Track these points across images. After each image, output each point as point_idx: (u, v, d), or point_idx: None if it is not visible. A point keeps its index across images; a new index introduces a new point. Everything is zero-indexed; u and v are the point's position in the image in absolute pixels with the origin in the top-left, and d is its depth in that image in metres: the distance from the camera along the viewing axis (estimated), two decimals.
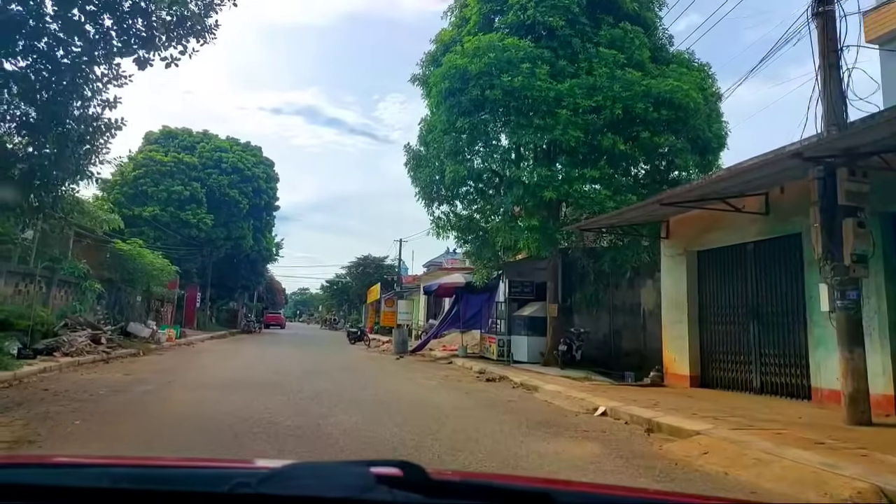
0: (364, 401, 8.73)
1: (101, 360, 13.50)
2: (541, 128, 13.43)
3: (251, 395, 8.87)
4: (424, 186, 16.54)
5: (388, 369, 14.69)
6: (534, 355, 15.66)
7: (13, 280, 13.09)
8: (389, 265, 50.23)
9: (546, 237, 13.77)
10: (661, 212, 11.14)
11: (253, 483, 1.06)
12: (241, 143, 37.35)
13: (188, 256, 31.67)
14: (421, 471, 1.09)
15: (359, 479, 1.04)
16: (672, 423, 7.04)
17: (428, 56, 17.16)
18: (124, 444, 5.51)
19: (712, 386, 10.68)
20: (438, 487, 1.11)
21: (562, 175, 13.42)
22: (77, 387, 9.23)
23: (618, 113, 13.24)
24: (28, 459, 2.88)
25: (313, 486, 1.05)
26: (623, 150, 13.26)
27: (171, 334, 21.41)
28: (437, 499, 1.08)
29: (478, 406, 8.75)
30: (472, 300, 19.03)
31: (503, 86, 13.67)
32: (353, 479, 1.06)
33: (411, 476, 1.07)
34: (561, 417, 8.06)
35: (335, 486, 1.04)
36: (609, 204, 12.71)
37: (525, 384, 11.47)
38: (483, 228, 17.09)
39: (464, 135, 14.59)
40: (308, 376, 11.89)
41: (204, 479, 1.24)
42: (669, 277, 11.84)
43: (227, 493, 1.06)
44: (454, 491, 1.16)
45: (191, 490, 1.13)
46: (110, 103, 9.42)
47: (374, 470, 1.07)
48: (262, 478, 1.11)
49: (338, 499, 1.02)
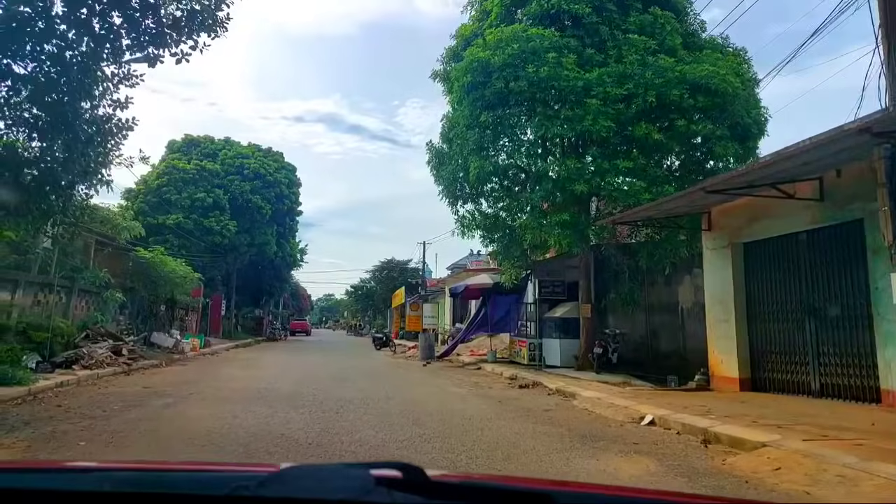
0: (391, 412, 8.16)
1: (122, 373, 13.16)
2: (569, 119, 12.78)
3: (272, 408, 8.36)
4: (448, 184, 15.98)
5: (414, 377, 14.11)
6: (567, 359, 14.96)
7: (31, 290, 12.80)
8: (413, 268, 49.77)
9: (578, 233, 13.09)
10: (704, 201, 10.41)
11: (252, 486, 1.06)
12: (262, 148, 37.18)
13: (212, 264, 31.52)
14: (420, 472, 1.08)
15: (358, 482, 1.03)
16: (732, 434, 6.34)
17: (448, 51, 16.62)
18: None
19: (765, 389, 9.90)
20: (438, 489, 1.09)
21: (592, 167, 12.74)
22: (91, 402, 8.83)
23: (651, 101, 12.54)
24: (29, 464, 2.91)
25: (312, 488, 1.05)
26: (658, 139, 12.52)
27: (195, 344, 21.12)
28: (437, 500, 1.06)
29: (513, 416, 8.11)
30: (500, 302, 18.36)
31: (528, 77, 13.06)
32: (353, 482, 1.05)
33: (411, 477, 1.06)
34: (605, 428, 7.39)
35: (334, 488, 1.04)
36: (644, 196, 11.99)
37: (561, 391, 10.80)
38: (510, 226, 16.47)
39: (488, 129, 14.00)
40: (332, 386, 11.37)
41: (204, 482, 1.23)
42: (713, 272, 11.08)
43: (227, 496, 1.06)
44: (454, 492, 1.14)
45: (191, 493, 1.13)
46: (121, 104, 9.03)
47: (373, 472, 1.06)
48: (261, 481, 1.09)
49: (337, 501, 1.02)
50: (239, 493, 1.05)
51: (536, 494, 1.21)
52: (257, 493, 1.05)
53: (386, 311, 56.64)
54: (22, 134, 8.66)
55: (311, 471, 1.25)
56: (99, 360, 12.95)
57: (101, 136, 8.38)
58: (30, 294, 12.69)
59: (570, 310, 15.40)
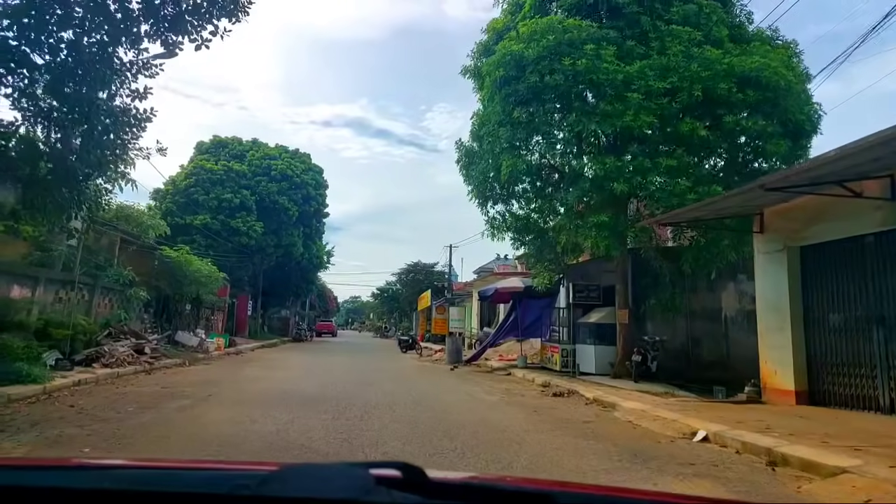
0: (419, 421, 7.58)
1: (143, 372, 12.85)
2: (608, 114, 12.09)
3: (293, 412, 7.87)
4: (478, 184, 15.38)
5: (443, 381, 13.53)
6: (602, 366, 14.24)
7: (52, 287, 12.55)
8: (440, 272, 49.18)
9: (616, 235, 12.38)
10: (757, 201, 9.66)
11: (253, 485, 1.06)
12: (289, 150, 37.05)
13: (239, 264, 31.39)
14: (420, 472, 1.06)
15: (358, 481, 1.03)
16: (802, 456, 5.62)
17: (479, 46, 16.05)
18: None
19: (825, 403, 9.08)
20: (438, 489, 1.08)
21: (632, 166, 12.01)
22: (106, 402, 8.45)
23: (696, 95, 11.80)
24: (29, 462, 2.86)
25: (313, 487, 1.04)
26: (703, 136, 11.76)
27: (219, 343, 20.88)
28: (437, 500, 1.05)
29: (551, 428, 7.48)
30: (531, 306, 17.69)
31: (565, 70, 12.42)
32: (353, 481, 1.04)
33: (411, 477, 1.05)
34: (654, 444, 6.72)
35: (335, 487, 1.03)
36: (689, 196, 11.25)
37: (599, 400, 10.12)
38: (542, 229, 15.83)
39: (521, 126, 13.36)
40: (357, 389, 10.86)
41: (205, 480, 1.22)
42: (766, 277, 10.29)
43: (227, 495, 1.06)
44: (454, 492, 1.13)
45: (191, 491, 1.12)
46: (139, 94, 8.67)
47: (373, 471, 1.06)
48: (262, 479, 1.08)
49: (337, 500, 1.01)
50: (240, 492, 1.05)
51: (537, 494, 1.21)
52: (258, 491, 1.04)
53: (412, 313, 56.20)
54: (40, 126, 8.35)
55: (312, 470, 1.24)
56: (120, 358, 12.66)
57: (118, 126, 8.00)
58: (51, 291, 12.44)
59: (605, 315, 14.68)
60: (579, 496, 1.38)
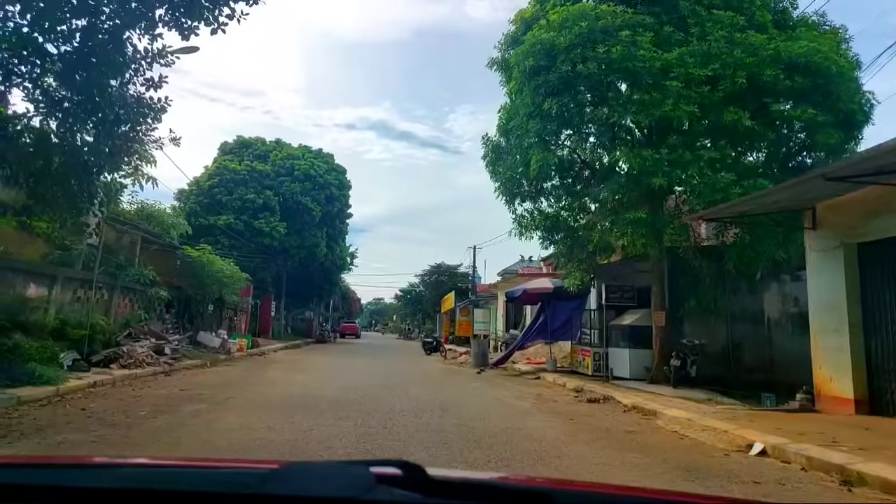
0: (447, 430, 7.04)
1: (163, 373, 12.51)
2: (645, 104, 11.45)
3: (312, 419, 7.39)
4: (505, 181, 14.78)
5: (470, 386, 12.96)
6: (637, 371, 13.54)
7: (70, 286, 12.27)
8: (463, 273, 48.60)
9: (653, 233, 11.70)
10: (809, 195, 8.94)
11: (253, 483, 1.05)
12: (312, 150, 36.84)
13: (263, 265, 31.21)
14: (421, 470, 1.06)
15: (359, 480, 1.02)
16: (885, 476, 4.95)
17: (507, 37, 15.44)
18: None
19: (888, 413, 8.31)
20: (439, 487, 1.07)
21: (672, 158, 11.32)
22: (119, 406, 8.06)
23: (740, 82, 11.08)
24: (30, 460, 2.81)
25: (313, 486, 1.03)
26: (748, 126, 11.03)
27: (241, 344, 20.59)
28: (438, 498, 1.04)
29: (591, 439, 6.87)
30: (560, 308, 17.02)
31: (598, 58, 11.80)
32: (354, 480, 1.04)
33: (411, 476, 1.04)
34: (708, 459, 6.08)
35: (336, 486, 1.02)
36: (734, 190, 10.55)
37: (638, 407, 9.47)
38: (572, 227, 15.19)
39: (551, 118, 12.73)
40: (381, 394, 10.35)
41: (205, 478, 1.21)
42: (820, 276, 9.54)
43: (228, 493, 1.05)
44: (454, 491, 1.12)
45: (192, 490, 1.10)
46: (154, 83, 8.29)
47: (374, 470, 1.05)
48: (262, 478, 1.09)
49: (338, 499, 1.00)
50: (240, 491, 1.05)
51: (537, 493, 1.21)
52: (259, 490, 1.03)
53: (435, 315, 55.73)
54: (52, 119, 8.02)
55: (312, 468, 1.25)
56: (138, 359, 12.34)
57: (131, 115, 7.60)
58: (68, 290, 12.17)
59: (640, 317, 13.97)
60: (579, 495, 1.37)
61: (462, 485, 1.20)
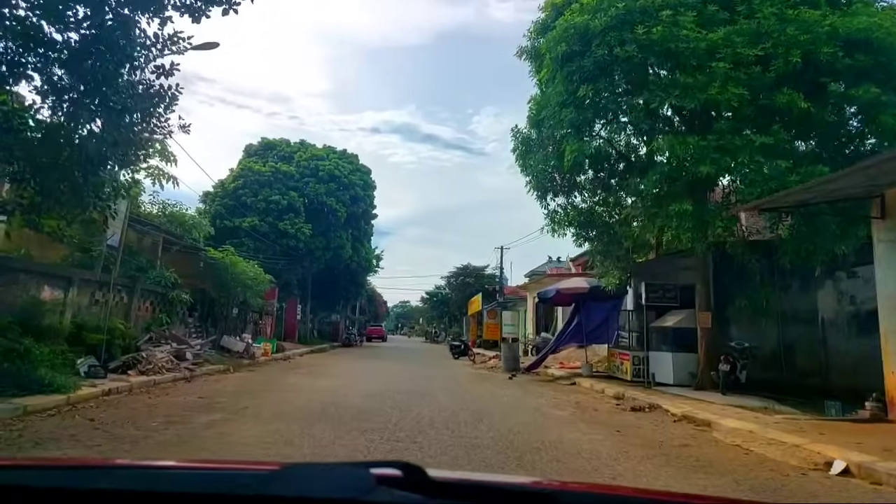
0: (484, 444, 6.35)
1: (183, 379, 12.05)
2: (690, 87, 10.62)
3: (335, 431, 6.78)
4: (536, 174, 14.03)
5: (503, 392, 12.23)
6: (681, 376, 12.68)
7: (88, 289, 11.88)
8: (490, 275, 47.80)
9: (700, 226, 10.85)
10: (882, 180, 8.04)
11: (254, 484, 1.05)
12: (337, 150, 36.48)
13: (288, 268, 30.90)
14: (421, 471, 1.04)
15: (359, 481, 1.01)
16: None
17: (536, 25, 14.68)
18: None
19: None
20: (439, 488, 1.05)
21: (720, 144, 10.48)
22: (131, 416, 7.54)
23: (794, 61, 10.19)
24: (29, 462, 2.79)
25: (314, 487, 1.03)
26: (804, 108, 10.13)
27: (266, 348, 20.17)
28: (438, 499, 1.02)
29: (646, 454, 6.11)
30: (596, 309, 16.19)
31: (638, 40, 11.02)
32: (354, 481, 1.03)
33: (411, 477, 1.03)
34: (781, 478, 5.30)
35: (336, 487, 1.01)
36: (791, 178, 9.66)
37: (689, 417, 8.65)
38: (607, 223, 14.39)
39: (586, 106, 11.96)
40: (408, 402, 9.70)
41: (205, 479, 1.19)
42: (889, 269, 8.63)
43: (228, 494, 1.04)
44: (455, 491, 1.10)
45: (192, 491, 1.10)
46: (164, 70, 7.77)
47: (374, 471, 1.03)
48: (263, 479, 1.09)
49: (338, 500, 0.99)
50: (241, 492, 1.04)
51: (538, 493, 1.20)
52: (260, 491, 1.03)
53: (461, 318, 55.02)
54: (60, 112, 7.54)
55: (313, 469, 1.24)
56: (158, 365, 11.89)
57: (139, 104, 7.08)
58: (86, 293, 11.77)
59: (683, 318, 13.09)
60: (580, 495, 1.34)
61: (463, 485, 1.18)
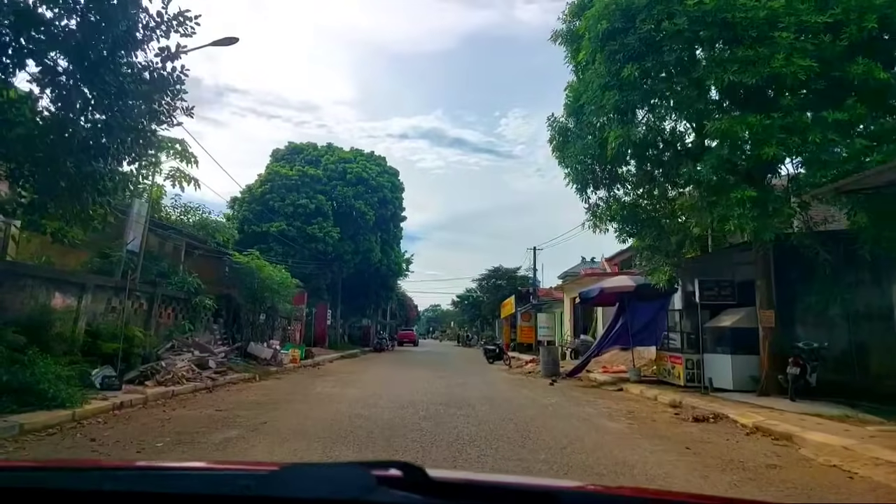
0: (535, 468, 5.41)
1: (204, 389, 11.37)
2: (749, 60, 9.56)
3: (359, 451, 5.95)
4: (576, 165, 13.03)
5: (546, 401, 11.24)
6: (741, 381, 11.54)
7: (103, 296, 11.27)
8: (522, 276, 46.67)
9: (766, 214, 9.74)
10: None
11: (254, 485, 1.04)
12: (364, 153, 35.88)
13: (317, 272, 30.34)
14: (421, 472, 1.04)
15: (360, 481, 1.00)
16: None
17: (572, 6, 13.72)
18: None
19: None
20: (440, 488, 1.04)
21: (786, 123, 9.37)
22: (138, 433, 6.81)
23: (870, 27, 9.05)
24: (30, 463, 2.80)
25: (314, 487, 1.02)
26: (883, 78, 8.99)
27: (294, 355, 19.49)
28: (439, 499, 1.02)
29: (730, 481, 5.10)
30: (642, 309, 15.08)
31: (688, 12, 10.00)
32: (355, 481, 1.02)
33: (412, 477, 1.02)
34: None
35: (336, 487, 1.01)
36: (873, 157, 8.53)
37: (764, 429, 7.58)
38: (652, 217, 13.33)
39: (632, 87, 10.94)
40: (444, 414, 8.81)
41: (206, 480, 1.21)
42: None
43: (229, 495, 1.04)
44: (455, 491, 1.09)
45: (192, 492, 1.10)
46: (170, 53, 7.06)
47: (374, 471, 1.03)
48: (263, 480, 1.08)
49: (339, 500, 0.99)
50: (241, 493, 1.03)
51: (538, 493, 1.19)
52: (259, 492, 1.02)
53: (494, 321, 53.95)
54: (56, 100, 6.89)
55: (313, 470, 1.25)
56: (177, 374, 11.22)
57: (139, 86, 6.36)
58: (101, 299, 11.17)
59: (742, 318, 11.94)
60: (581, 495, 1.33)
61: (463, 486, 1.16)
